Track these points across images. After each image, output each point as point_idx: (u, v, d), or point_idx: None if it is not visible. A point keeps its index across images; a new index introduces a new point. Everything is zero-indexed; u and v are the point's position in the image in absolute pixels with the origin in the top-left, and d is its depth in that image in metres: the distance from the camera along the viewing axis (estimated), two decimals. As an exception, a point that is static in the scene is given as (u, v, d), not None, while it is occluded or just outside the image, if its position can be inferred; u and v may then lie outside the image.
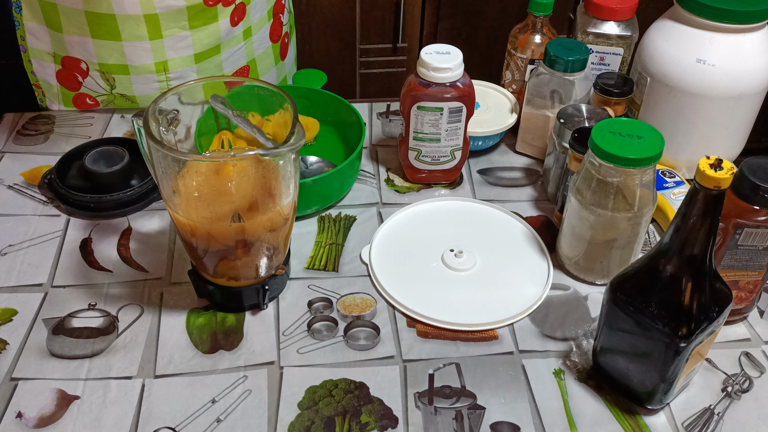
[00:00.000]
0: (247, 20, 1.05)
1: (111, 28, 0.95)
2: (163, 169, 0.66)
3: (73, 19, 0.95)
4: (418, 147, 0.90)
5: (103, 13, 0.94)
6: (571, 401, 0.69)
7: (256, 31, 1.08)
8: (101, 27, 0.95)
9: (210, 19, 0.99)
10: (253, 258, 0.72)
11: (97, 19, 0.94)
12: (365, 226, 0.87)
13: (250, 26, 1.06)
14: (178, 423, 0.66)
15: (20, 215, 0.87)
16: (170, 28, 0.97)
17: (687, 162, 0.93)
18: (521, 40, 0.98)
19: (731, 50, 0.84)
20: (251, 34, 1.08)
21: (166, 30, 0.97)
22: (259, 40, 1.10)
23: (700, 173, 0.56)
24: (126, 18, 0.94)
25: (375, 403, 0.68)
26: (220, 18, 1.00)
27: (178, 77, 1.02)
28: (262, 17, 1.09)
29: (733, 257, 0.70)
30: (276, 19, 1.12)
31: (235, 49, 1.06)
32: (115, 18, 0.94)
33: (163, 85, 1.02)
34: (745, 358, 0.73)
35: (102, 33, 0.96)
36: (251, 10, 1.05)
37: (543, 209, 0.91)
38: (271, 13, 1.10)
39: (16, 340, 0.72)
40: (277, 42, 1.15)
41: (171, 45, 0.99)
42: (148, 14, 0.95)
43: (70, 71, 1.00)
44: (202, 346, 0.73)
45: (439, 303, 0.77)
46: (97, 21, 0.94)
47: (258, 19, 1.08)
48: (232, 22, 1.02)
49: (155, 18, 0.95)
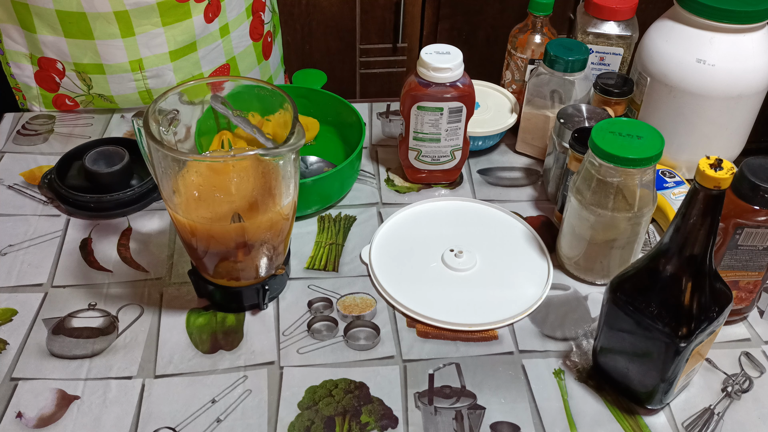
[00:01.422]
0: (224, 17, 1.04)
1: (82, 27, 0.95)
2: (163, 169, 0.66)
3: (44, 18, 0.94)
4: (418, 147, 0.90)
5: (74, 12, 0.93)
6: (571, 401, 0.69)
7: (234, 28, 1.08)
8: (73, 26, 0.95)
9: (182, 15, 0.99)
10: (254, 258, 0.72)
11: (68, 17, 0.94)
12: (365, 226, 0.87)
13: (227, 23, 1.06)
14: (178, 423, 0.66)
15: (20, 215, 0.87)
16: (142, 25, 0.96)
17: (687, 162, 0.93)
18: (521, 40, 0.98)
19: (731, 50, 0.84)
20: (229, 32, 1.07)
21: (138, 27, 0.96)
22: (238, 38, 1.09)
23: (700, 173, 0.56)
24: (96, 16, 0.94)
25: (375, 403, 0.68)
26: (193, 14, 0.99)
27: (154, 75, 1.02)
28: (240, 14, 1.08)
29: (733, 257, 0.70)
30: (256, 17, 1.12)
31: (213, 47, 1.05)
32: (85, 16, 0.93)
33: (140, 84, 1.01)
34: (745, 358, 0.73)
35: (74, 32, 0.95)
36: (227, 7, 1.04)
37: (543, 209, 0.91)
38: (249, 11, 1.10)
39: (16, 340, 0.72)
40: (258, 40, 1.14)
41: (144, 43, 0.98)
42: (118, 11, 0.94)
43: (47, 72, 1.00)
44: (202, 346, 0.73)
45: (439, 303, 0.77)
46: (69, 20, 0.94)
47: (235, 17, 1.07)
48: (206, 18, 1.01)
49: (126, 15, 0.95)
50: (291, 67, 1.31)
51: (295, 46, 1.88)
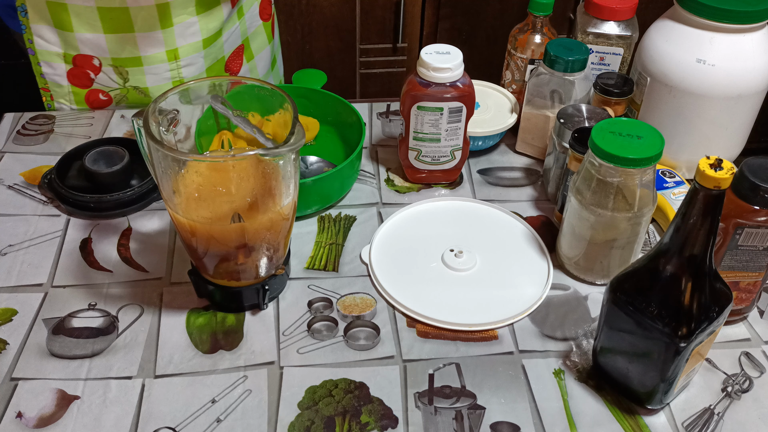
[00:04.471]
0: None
1: (123, 21, 0.97)
2: (163, 169, 0.66)
3: (84, 17, 0.96)
4: (418, 147, 0.90)
5: (116, 7, 0.95)
6: (571, 401, 0.69)
7: (247, 9, 1.10)
8: (114, 21, 0.97)
9: (214, 2, 1.02)
10: (254, 259, 0.72)
11: (110, 13, 0.96)
12: (365, 226, 0.87)
13: (242, 5, 1.08)
14: (178, 423, 0.66)
15: (20, 215, 0.87)
16: (179, 15, 0.99)
17: (687, 162, 0.93)
18: (521, 40, 0.98)
19: (731, 50, 0.84)
20: (244, 13, 1.10)
21: (176, 17, 0.99)
22: (251, 19, 1.12)
23: (700, 173, 0.56)
24: (139, 9, 0.96)
25: (375, 403, 0.68)
26: (222, 1, 1.02)
27: (187, 64, 1.04)
28: None
29: (734, 258, 0.70)
30: None
31: (233, 30, 1.08)
32: (128, 11, 0.96)
33: (175, 73, 1.04)
34: (745, 358, 0.73)
35: (114, 27, 0.97)
36: None
37: (543, 209, 0.91)
38: None
39: (16, 340, 0.72)
40: (267, 20, 1.17)
41: (180, 32, 1.01)
42: (160, 3, 0.96)
43: (81, 69, 1.01)
44: (202, 346, 0.73)
45: (439, 303, 0.77)
46: (110, 15, 0.96)
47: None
48: (232, 3, 1.05)
49: (166, 6, 0.97)
50: (291, 67, 1.31)
51: (295, 46, 1.88)
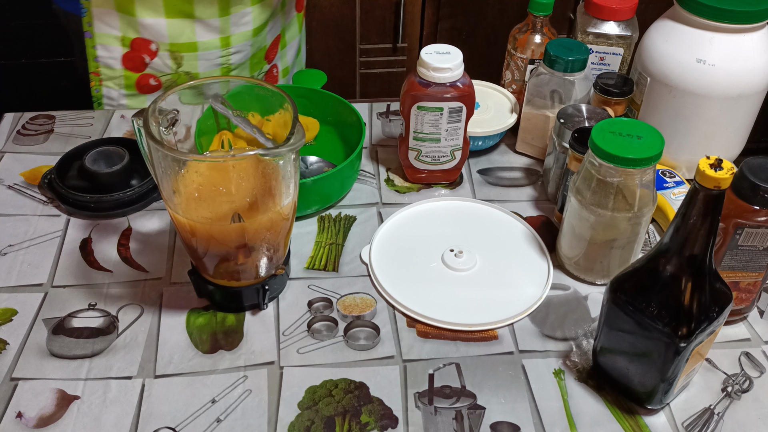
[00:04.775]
0: None
1: (186, 8, 0.99)
2: (163, 169, 0.66)
3: (147, 3, 0.98)
4: (418, 147, 0.90)
5: None
6: (571, 401, 0.69)
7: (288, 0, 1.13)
8: (176, 7, 0.98)
9: None
10: (254, 259, 0.72)
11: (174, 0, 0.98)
12: (365, 226, 0.87)
13: None
14: (178, 423, 0.66)
15: (20, 215, 0.87)
16: (237, 4, 1.01)
17: (687, 162, 0.93)
18: (521, 40, 0.98)
19: (731, 50, 0.84)
20: (285, 4, 1.12)
21: (234, 7, 1.01)
22: (289, 10, 1.15)
23: (700, 173, 0.56)
24: None
25: (375, 403, 0.68)
26: None
27: (237, 51, 1.06)
28: None
29: (734, 258, 0.70)
30: None
31: (276, 20, 1.10)
32: None
33: (224, 60, 1.06)
34: (745, 358, 0.73)
35: (176, 12, 0.99)
36: None
37: (543, 209, 0.91)
38: None
39: (16, 340, 0.72)
40: (301, 12, 1.19)
41: (235, 21, 1.03)
42: None
43: (137, 53, 1.03)
44: (202, 346, 0.73)
45: (439, 303, 0.77)
46: (173, 2, 0.98)
47: None
48: None
49: None
50: (291, 67, 1.31)
51: (295, 46, 1.88)
